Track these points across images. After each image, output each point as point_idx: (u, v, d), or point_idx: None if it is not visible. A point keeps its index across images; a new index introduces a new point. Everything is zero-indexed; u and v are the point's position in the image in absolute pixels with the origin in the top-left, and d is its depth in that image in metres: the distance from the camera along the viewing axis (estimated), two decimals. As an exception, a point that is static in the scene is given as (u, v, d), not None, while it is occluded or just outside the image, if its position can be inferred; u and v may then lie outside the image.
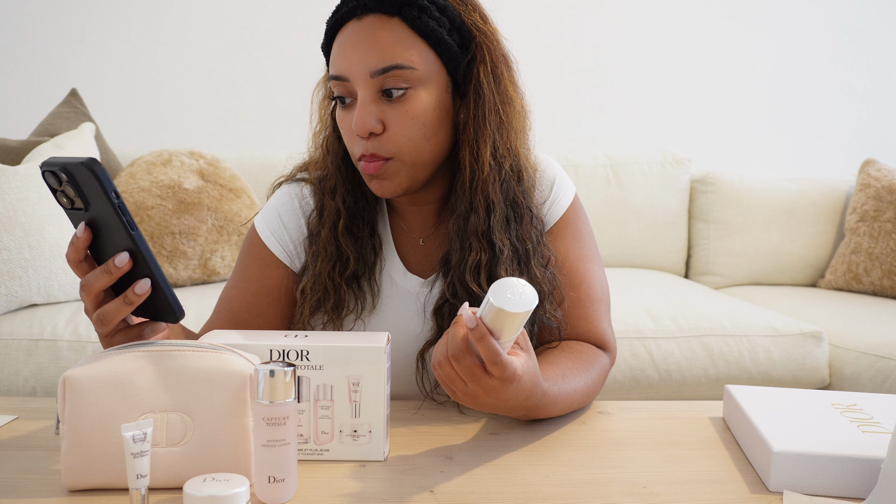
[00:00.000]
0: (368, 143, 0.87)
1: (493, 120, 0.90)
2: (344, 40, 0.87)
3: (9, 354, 1.60)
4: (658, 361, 1.71)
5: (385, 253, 0.98)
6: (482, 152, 0.89)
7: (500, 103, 0.91)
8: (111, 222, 0.69)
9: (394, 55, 0.85)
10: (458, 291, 0.91)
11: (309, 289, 0.94)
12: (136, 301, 0.71)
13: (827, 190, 2.48)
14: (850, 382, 1.74)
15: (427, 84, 0.87)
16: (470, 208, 0.91)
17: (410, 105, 0.86)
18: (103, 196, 0.67)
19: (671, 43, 2.76)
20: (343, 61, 0.87)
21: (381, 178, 0.89)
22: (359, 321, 0.96)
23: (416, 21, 0.86)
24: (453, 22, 0.88)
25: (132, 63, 2.61)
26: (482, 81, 0.89)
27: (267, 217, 0.99)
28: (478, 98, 0.90)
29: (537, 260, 0.92)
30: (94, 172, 0.67)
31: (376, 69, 0.85)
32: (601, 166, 2.49)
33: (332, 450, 0.77)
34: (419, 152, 0.88)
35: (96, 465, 0.68)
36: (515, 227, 0.92)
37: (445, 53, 0.88)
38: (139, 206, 1.95)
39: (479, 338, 0.68)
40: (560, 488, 0.72)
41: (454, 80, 0.90)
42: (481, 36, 0.90)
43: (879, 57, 2.82)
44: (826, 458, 0.70)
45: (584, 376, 0.90)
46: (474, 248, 0.90)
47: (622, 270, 2.38)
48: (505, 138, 0.91)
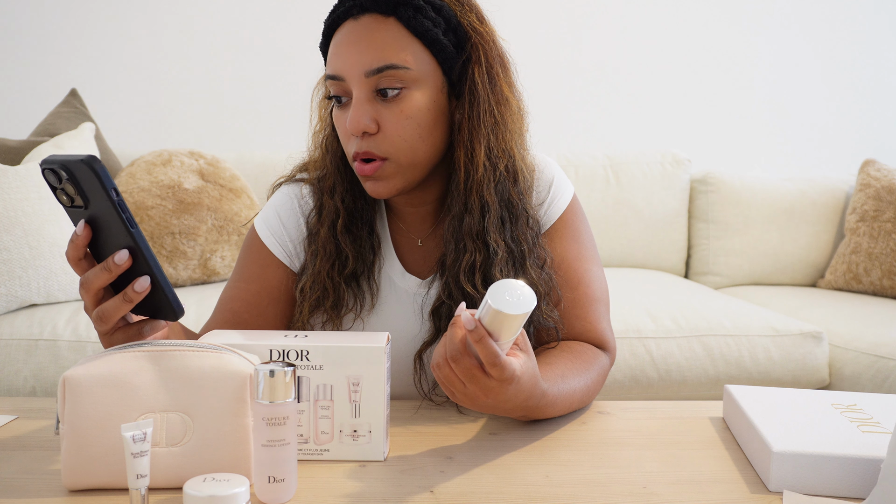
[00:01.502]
0: (363, 142, 0.87)
1: (487, 121, 0.90)
2: (340, 40, 0.87)
3: (9, 354, 1.60)
4: (658, 361, 1.71)
5: (384, 253, 0.98)
6: (476, 153, 0.89)
7: (496, 104, 0.90)
8: (111, 220, 0.69)
9: (388, 55, 0.85)
10: (454, 292, 0.91)
11: (308, 287, 0.94)
12: (135, 299, 0.71)
13: (827, 190, 2.48)
14: (849, 382, 1.74)
15: (422, 84, 0.87)
16: (465, 209, 0.91)
17: (405, 105, 0.86)
18: (103, 193, 0.68)
19: (671, 43, 2.76)
20: (339, 61, 0.87)
21: (376, 179, 0.89)
22: (358, 320, 0.96)
23: (412, 21, 0.86)
24: (449, 22, 0.88)
25: (132, 63, 2.61)
26: (477, 82, 0.89)
27: (267, 217, 0.99)
28: (472, 98, 0.89)
29: (533, 261, 0.92)
30: (94, 170, 0.67)
31: (371, 69, 0.85)
32: (601, 166, 2.49)
33: (332, 450, 0.77)
34: (414, 153, 0.88)
35: (96, 465, 0.68)
36: (511, 227, 0.91)
37: (441, 53, 0.88)
38: (139, 206, 1.95)
39: (477, 339, 0.68)
40: (560, 488, 0.72)
41: (450, 81, 0.90)
42: (477, 36, 0.90)
43: (879, 57, 2.82)
44: (826, 458, 0.70)
45: (584, 376, 0.90)
46: (469, 248, 0.90)
47: (622, 270, 2.38)
48: (500, 139, 0.91)
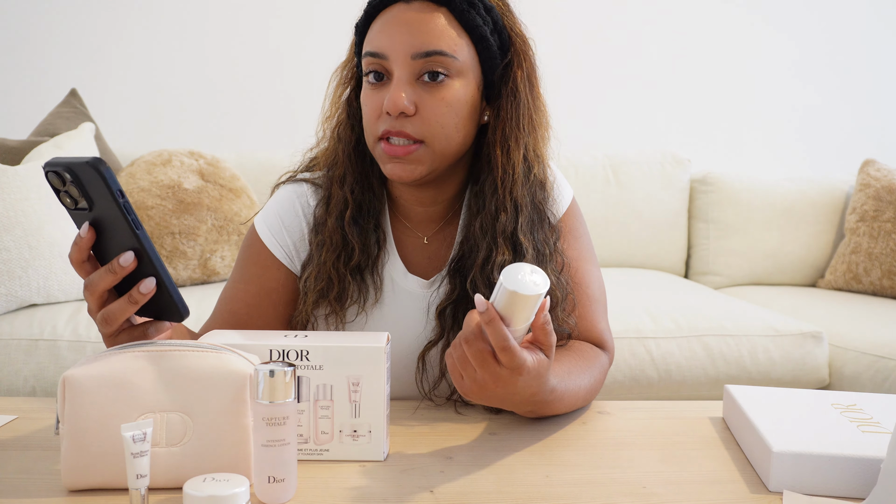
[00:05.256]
0: (396, 122, 0.87)
1: (526, 124, 0.92)
2: (389, 19, 0.88)
3: (9, 354, 1.60)
4: (658, 361, 1.71)
5: (386, 252, 0.98)
6: (514, 153, 0.91)
7: (534, 109, 0.93)
8: (116, 222, 0.69)
9: (439, 41, 0.86)
10: (480, 289, 0.91)
11: (313, 278, 0.94)
12: (140, 300, 0.71)
13: (827, 190, 2.48)
14: (849, 382, 1.74)
15: (463, 77, 0.89)
16: (500, 208, 0.91)
17: (446, 93, 0.87)
18: (108, 196, 0.67)
19: (671, 43, 2.76)
20: (385, 39, 0.88)
21: (406, 161, 0.88)
22: (361, 313, 0.96)
23: (464, 14, 0.88)
24: (496, 24, 0.90)
25: (132, 63, 2.61)
26: (519, 84, 0.91)
27: (267, 217, 0.99)
28: (514, 99, 0.91)
29: (552, 266, 0.93)
30: (100, 172, 0.66)
31: (420, 52, 0.86)
32: (601, 166, 2.49)
33: (332, 450, 0.77)
34: (448, 141, 0.89)
35: (96, 465, 0.68)
36: (538, 231, 0.93)
37: (485, 52, 0.90)
38: (139, 206, 1.95)
39: (488, 321, 0.69)
40: (560, 488, 0.72)
41: (486, 81, 0.92)
42: (520, 42, 0.92)
43: (879, 57, 2.82)
44: (826, 458, 0.70)
45: (587, 374, 0.90)
46: (501, 248, 0.91)
47: (622, 270, 2.38)
48: (535, 143, 0.93)
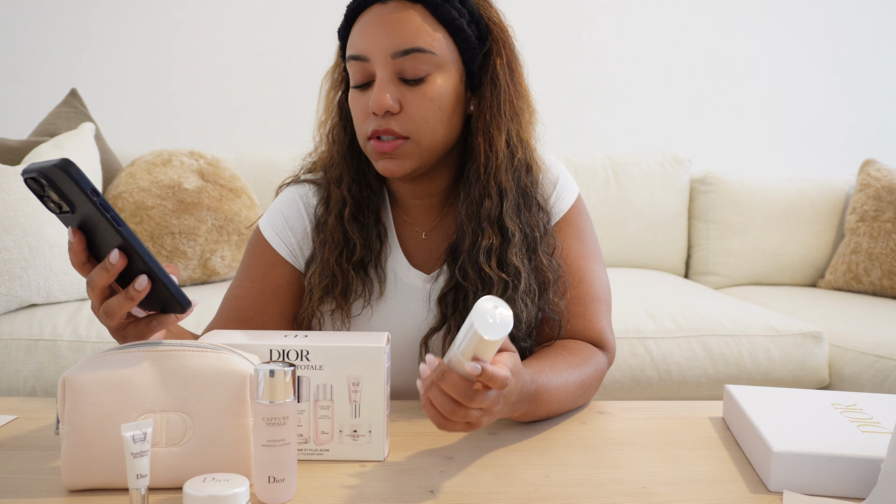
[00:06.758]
0: (383, 120, 0.89)
1: (507, 110, 0.93)
2: (366, 21, 0.89)
3: (9, 354, 1.60)
4: (658, 361, 1.71)
5: (389, 246, 0.99)
6: (496, 140, 0.92)
7: (515, 95, 0.94)
8: (98, 221, 0.68)
9: (416, 38, 0.87)
10: (470, 274, 0.92)
11: (318, 275, 0.95)
12: (136, 297, 0.71)
13: (827, 190, 2.48)
14: (849, 382, 1.74)
15: (444, 71, 0.90)
16: (484, 194, 0.92)
17: (428, 88, 0.89)
18: (83, 196, 0.66)
19: (671, 43, 2.76)
20: (364, 41, 0.89)
21: (393, 157, 0.90)
22: (367, 307, 0.97)
23: (439, 9, 0.89)
24: (472, 14, 0.91)
25: (132, 63, 2.61)
26: (498, 72, 0.92)
27: (271, 217, 1.01)
28: (494, 87, 0.92)
29: (543, 248, 0.94)
30: (69, 173, 0.64)
31: (398, 50, 0.87)
32: (601, 166, 2.49)
33: (332, 450, 0.77)
34: (434, 135, 0.90)
35: (96, 465, 0.68)
36: (525, 214, 0.94)
37: (464, 43, 0.91)
38: (139, 206, 1.95)
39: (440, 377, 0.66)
40: (560, 488, 0.72)
41: (468, 71, 0.93)
42: (498, 31, 0.93)
43: (879, 56, 2.82)
44: (826, 458, 0.70)
45: (578, 370, 0.89)
46: (487, 233, 0.92)
47: (622, 270, 2.38)
48: (518, 129, 0.94)
